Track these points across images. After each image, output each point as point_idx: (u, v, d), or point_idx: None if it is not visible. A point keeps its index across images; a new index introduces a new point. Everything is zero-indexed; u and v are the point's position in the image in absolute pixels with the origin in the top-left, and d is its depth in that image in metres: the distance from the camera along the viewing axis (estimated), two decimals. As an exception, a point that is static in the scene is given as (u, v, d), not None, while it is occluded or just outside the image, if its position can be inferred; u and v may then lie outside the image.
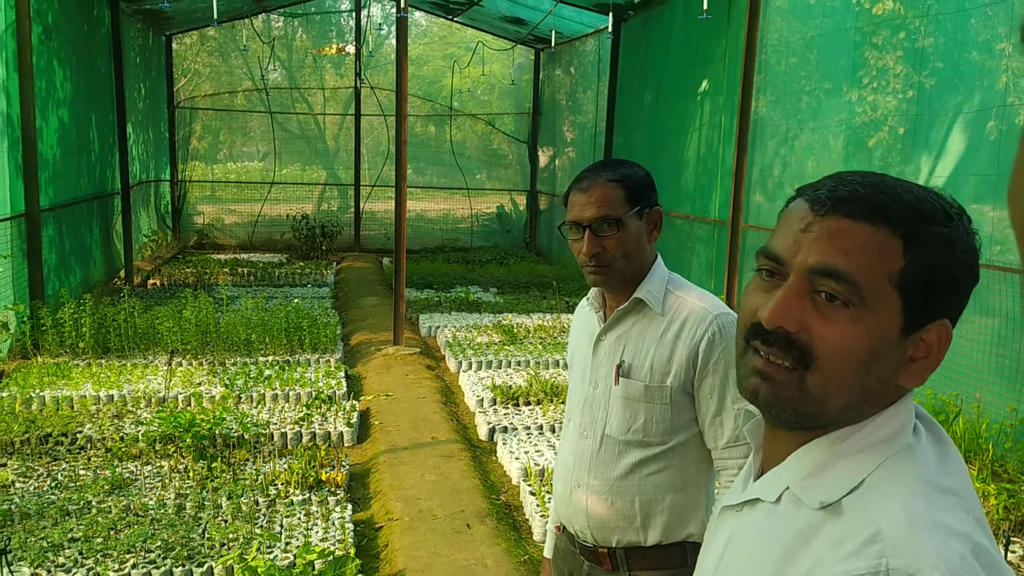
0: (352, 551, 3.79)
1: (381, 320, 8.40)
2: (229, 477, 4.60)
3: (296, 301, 7.99)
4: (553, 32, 12.17)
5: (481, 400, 6.08)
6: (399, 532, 4.08)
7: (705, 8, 7.93)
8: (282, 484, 4.49)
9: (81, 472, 4.64)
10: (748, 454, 1.34)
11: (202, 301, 7.38)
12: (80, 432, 5.16)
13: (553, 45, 12.81)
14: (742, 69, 7.57)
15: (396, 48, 7.16)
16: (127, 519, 4.05)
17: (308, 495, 4.39)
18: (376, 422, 5.74)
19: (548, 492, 4.42)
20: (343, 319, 8.77)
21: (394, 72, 7.61)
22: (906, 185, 0.95)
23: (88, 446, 5.02)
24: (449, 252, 13.95)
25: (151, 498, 4.31)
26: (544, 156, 15.01)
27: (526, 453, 5.03)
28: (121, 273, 10.52)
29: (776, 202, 7.70)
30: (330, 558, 3.61)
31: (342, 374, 6.56)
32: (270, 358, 6.95)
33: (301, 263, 12.26)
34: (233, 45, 14.27)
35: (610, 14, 10.21)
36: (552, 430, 5.55)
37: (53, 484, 4.47)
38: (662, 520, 1.92)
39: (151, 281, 10.63)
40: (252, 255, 13.34)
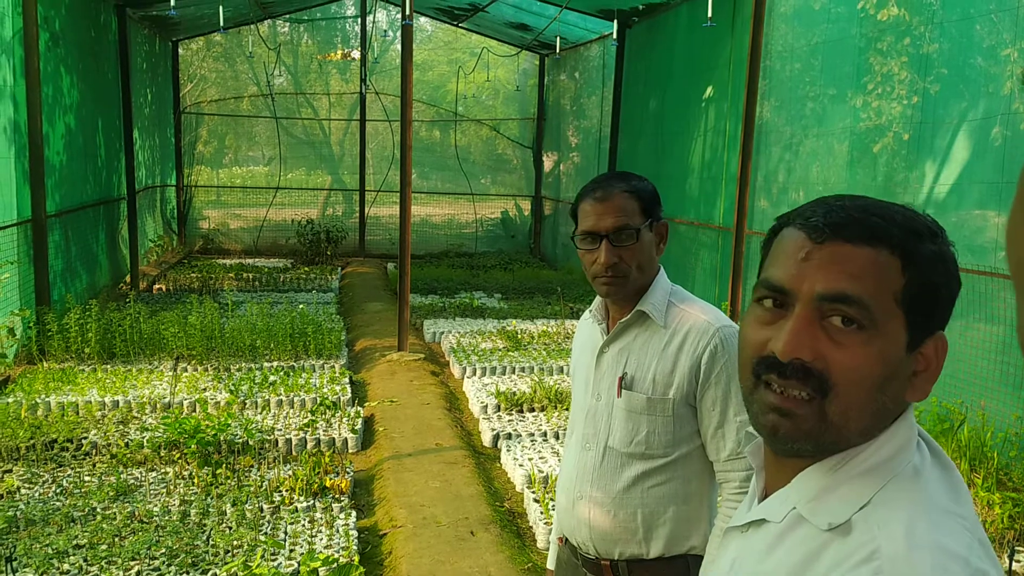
0: (356, 558, 3.80)
1: (385, 326, 8.41)
2: (234, 483, 4.60)
3: (301, 306, 8.00)
4: (558, 38, 12.19)
5: (485, 406, 6.08)
6: (403, 539, 4.08)
7: (710, 15, 7.94)
8: (286, 491, 4.50)
9: (86, 478, 4.65)
10: (750, 467, 1.34)
11: (207, 306, 7.40)
12: (85, 438, 5.17)
13: (558, 51, 12.83)
14: (747, 75, 7.57)
15: (401, 55, 7.17)
16: (132, 526, 4.06)
17: (312, 502, 4.40)
18: (380, 428, 5.74)
19: (552, 499, 4.42)
20: (347, 325, 8.79)
21: (399, 77, 7.63)
22: (889, 205, 0.97)
23: (93, 452, 5.03)
24: (453, 257, 13.96)
25: (156, 505, 4.32)
26: (549, 161, 15.02)
27: (530, 460, 5.03)
28: (127, 278, 10.55)
29: (781, 208, 7.69)
30: (334, 565, 3.61)
31: (346, 380, 6.57)
32: (275, 364, 6.97)
33: (306, 268, 12.28)
34: (239, 51, 14.32)
35: (615, 20, 10.22)
36: (556, 437, 5.55)
37: (58, 490, 4.48)
38: (665, 532, 1.92)
39: (156, 286, 10.65)
40: (257, 260, 13.37)
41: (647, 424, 1.92)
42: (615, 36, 10.50)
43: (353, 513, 4.28)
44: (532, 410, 6.08)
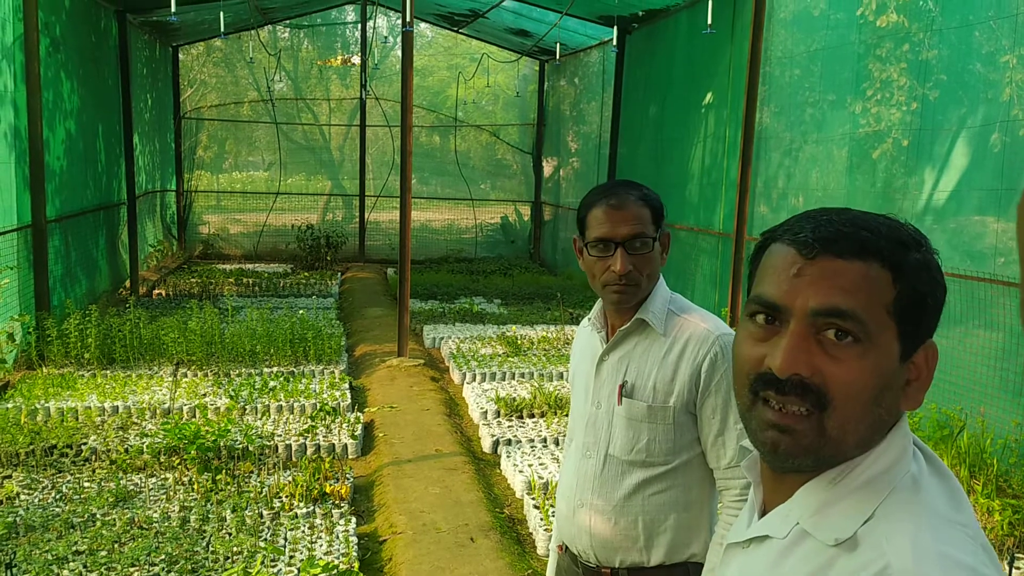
0: (356, 565, 3.79)
1: (385, 331, 8.41)
2: (233, 489, 4.60)
3: (301, 312, 8.01)
4: (558, 44, 12.21)
5: (485, 412, 6.08)
6: (403, 546, 4.08)
7: (709, 22, 7.95)
8: (286, 497, 4.50)
9: (86, 484, 4.65)
10: None
11: (207, 312, 7.40)
12: (85, 444, 5.17)
13: (558, 57, 12.85)
14: (746, 81, 7.58)
15: (401, 62, 7.19)
16: (131, 532, 4.06)
17: (312, 508, 4.40)
18: (380, 434, 5.74)
19: (552, 506, 4.42)
20: (347, 330, 8.79)
21: (399, 83, 7.64)
22: (876, 217, 0.98)
23: (93, 458, 5.03)
24: (453, 263, 13.97)
25: (155, 511, 4.32)
26: (548, 167, 15.03)
27: (530, 466, 5.03)
28: (126, 283, 10.56)
29: (780, 214, 7.70)
30: (334, 572, 3.61)
31: (346, 386, 6.56)
32: (275, 369, 6.97)
33: (306, 273, 12.29)
34: (239, 56, 14.35)
35: (615, 27, 10.24)
36: (556, 443, 5.55)
37: (58, 496, 4.48)
38: (665, 540, 1.92)
39: (156, 291, 10.66)
40: (257, 265, 13.37)
41: (648, 432, 1.92)
42: (615, 42, 10.52)
43: (353, 519, 4.28)
44: (532, 416, 6.08)
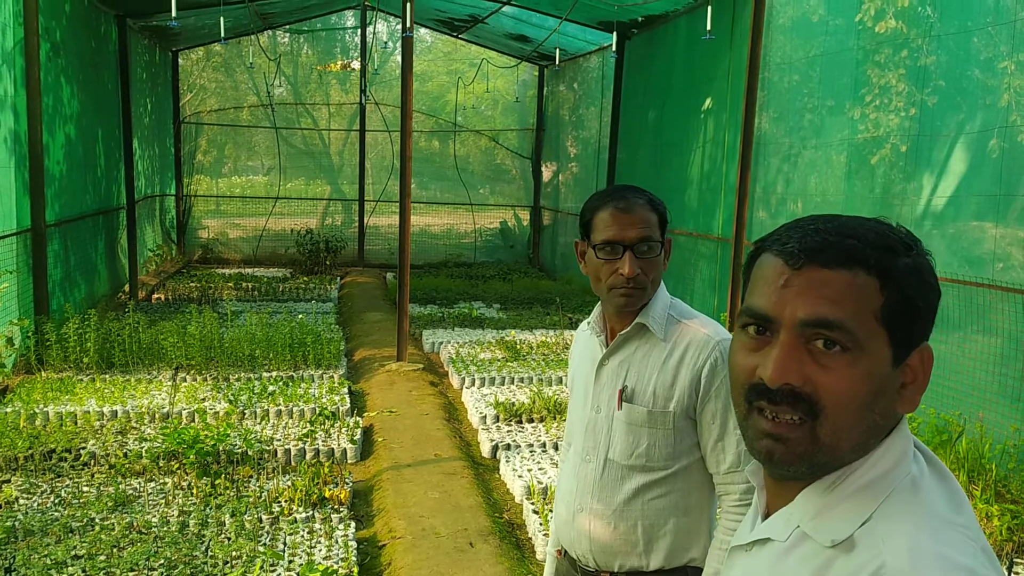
0: (355, 570, 3.79)
1: (384, 336, 8.41)
2: (233, 494, 4.60)
3: (300, 316, 8.01)
4: (557, 49, 12.23)
5: (484, 417, 6.08)
6: (402, 550, 4.07)
7: (708, 27, 7.97)
8: (285, 501, 4.49)
9: (84, 489, 4.65)
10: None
11: (206, 316, 7.40)
12: (84, 448, 5.16)
13: (557, 62, 12.88)
14: (745, 87, 7.60)
15: (401, 67, 7.20)
16: (130, 536, 4.05)
17: (311, 512, 4.39)
18: (379, 439, 5.74)
19: (551, 510, 4.42)
20: (347, 335, 8.79)
21: (399, 88, 7.65)
22: (864, 223, 0.98)
23: (92, 462, 5.03)
24: (452, 267, 13.98)
25: (154, 515, 4.32)
26: (548, 172, 15.05)
27: (529, 471, 5.03)
28: (126, 288, 10.55)
29: (779, 219, 7.71)
30: (333, 577, 3.61)
31: (345, 390, 6.56)
32: (274, 374, 6.97)
33: (305, 278, 12.29)
34: (239, 61, 14.37)
35: (614, 32, 10.26)
36: (555, 447, 5.55)
37: (56, 501, 4.48)
38: (665, 544, 1.93)
39: (155, 296, 10.66)
40: (256, 270, 13.38)
41: (648, 437, 1.92)
42: (614, 48, 10.54)
43: (352, 524, 4.27)
44: (531, 420, 6.08)
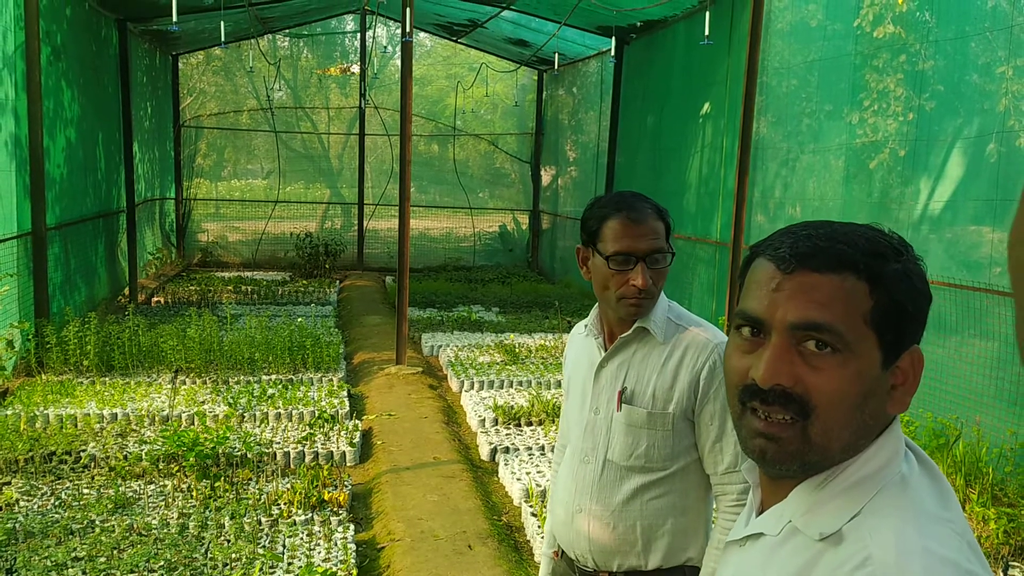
0: (354, 572, 3.80)
1: (384, 339, 8.43)
2: (232, 496, 4.61)
3: (299, 320, 8.02)
4: (556, 54, 12.26)
5: (483, 420, 6.09)
6: (401, 553, 4.09)
7: (707, 32, 8.00)
8: (285, 504, 4.51)
9: (85, 491, 4.66)
10: (746, 479, 1.37)
11: (206, 319, 7.42)
12: (84, 451, 5.18)
13: (556, 67, 12.90)
14: (743, 91, 7.63)
15: (401, 71, 7.22)
16: (130, 539, 4.07)
17: (311, 515, 4.40)
18: (378, 442, 5.75)
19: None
20: (346, 338, 8.80)
21: (398, 92, 7.67)
22: (856, 229, 1.01)
23: (92, 465, 5.04)
24: (451, 271, 13.99)
25: (154, 517, 4.33)
26: (546, 176, 15.08)
27: (528, 474, 5.04)
28: (126, 291, 10.56)
29: (777, 223, 7.73)
30: (332, 579, 3.62)
31: (345, 393, 6.58)
32: (273, 377, 6.98)
33: (304, 281, 12.30)
34: (239, 65, 14.40)
35: (613, 37, 10.29)
36: (554, 451, 5.55)
37: (57, 503, 4.49)
38: (663, 544, 1.94)
39: (155, 299, 10.67)
40: (256, 273, 13.39)
41: (647, 438, 1.94)
42: (613, 52, 10.57)
43: (351, 526, 4.29)
44: (530, 424, 6.10)
